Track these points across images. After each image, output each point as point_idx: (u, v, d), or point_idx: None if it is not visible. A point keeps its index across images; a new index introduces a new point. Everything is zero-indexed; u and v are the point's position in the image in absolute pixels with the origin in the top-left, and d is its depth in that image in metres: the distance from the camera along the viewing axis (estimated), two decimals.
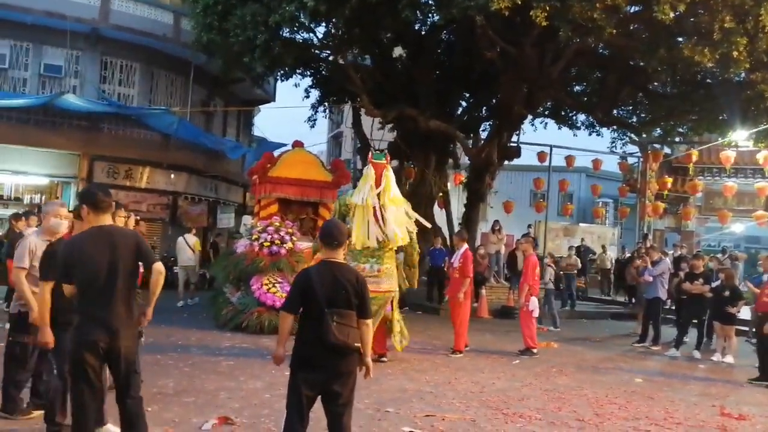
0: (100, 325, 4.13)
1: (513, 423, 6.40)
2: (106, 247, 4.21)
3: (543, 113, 20.87)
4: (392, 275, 9.12)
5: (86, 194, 4.44)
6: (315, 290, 4.12)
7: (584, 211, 29.95)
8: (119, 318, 4.17)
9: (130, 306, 4.27)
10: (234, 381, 7.40)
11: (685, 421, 6.94)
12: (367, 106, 16.57)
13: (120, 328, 4.16)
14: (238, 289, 11.83)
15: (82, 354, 4.12)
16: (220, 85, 21.00)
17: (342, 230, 4.41)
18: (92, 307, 4.17)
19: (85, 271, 4.19)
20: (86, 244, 4.25)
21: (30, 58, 17.58)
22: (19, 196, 18.10)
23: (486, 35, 14.06)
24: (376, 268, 8.94)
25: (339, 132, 38.20)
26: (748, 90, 13.70)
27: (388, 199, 8.97)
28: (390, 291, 9.06)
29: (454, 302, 10.44)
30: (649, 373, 9.76)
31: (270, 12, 13.22)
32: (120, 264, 4.21)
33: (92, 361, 4.12)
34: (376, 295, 8.60)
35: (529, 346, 10.49)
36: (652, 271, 12.44)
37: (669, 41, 12.99)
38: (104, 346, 4.12)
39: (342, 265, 4.33)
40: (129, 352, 4.22)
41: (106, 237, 4.26)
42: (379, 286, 8.81)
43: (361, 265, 8.83)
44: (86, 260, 4.18)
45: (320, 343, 4.06)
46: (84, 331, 4.16)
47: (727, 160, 18.82)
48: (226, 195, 23.29)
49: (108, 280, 4.18)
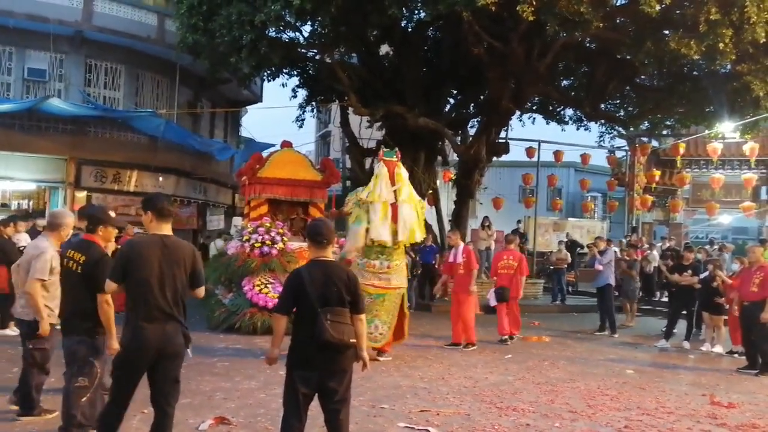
0: (144, 335, 4.18)
1: (507, 416, 6.43)
2: (161, 257, 4.26)
3: (531, 108, 20.91)
4: (402, 272, 9.31)
5: (151, 202, 4.47)
6: (306, 290, 4.14)
7: (573, 206, 30.06)
8: (161, 330, 4.21)
9: (178, 320, 4.29)
10: (229, 381, 7.40)
11: (676, 410, 7.01)
12: (354, 105, 16.54)
13: (162, 339, 4.21)
14: (230, 290, 11.81)
15: (127, 359, 4.23)
16: (207, 86, 20.90)
17: (330, 228, 4.43)
18: (138, 315, 4.21)
19: (136, 277, 4.23)
20: (144, 249, 4.30)
21: (13, 62, 17.41)
22: (6, 202, 17.98)
23: (473, 31, 14.07)
24: (386, 264, 9.09)
25: (327, 131, 38.12)
26: (734, 82, 13.80)
27: (402, 198, 9.09)
28: (400, 287, 9.24)
29: (463, 297, 10.67)
30: (640, 364, 9.84)
31: (255, 11, 13.17)
32: (169, 276, 4.25)
33: (136, 365, 4.24)
34: (387, 292, 9.04)
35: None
36: (600, 260, 12.67)
37: (655, 34, 13.08)
38: (150, 354, 4.21)
39: (332, 263, 4.35)
40: (167, 361, 4.27)
41: (164, 246, 4.30)
42: (389, 282, 9.08)
43: (372, 262, 9.05)
44: (141, 266, 4.22)
45: (315, 342, 4.07)
46: (127, 338, 4.23)
47: (714, 152, 18.96)
48: (215, 197, 23.22)
49: (157, 290, 4.21)
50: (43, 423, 5.53)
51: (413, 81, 17.42)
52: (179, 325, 4.29)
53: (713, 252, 16.85)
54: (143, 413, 5.26)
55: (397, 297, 9.17)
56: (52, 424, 5.33)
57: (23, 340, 5.72)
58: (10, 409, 5.76)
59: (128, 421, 4.80)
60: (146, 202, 4.47)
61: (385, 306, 9.09)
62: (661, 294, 16.84)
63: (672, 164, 22.80)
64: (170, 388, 4.35)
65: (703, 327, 12.08)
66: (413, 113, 16.54)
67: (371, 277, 9.03)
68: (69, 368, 4.95)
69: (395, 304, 9.16)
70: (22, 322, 5.68)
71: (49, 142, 17.27)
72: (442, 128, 17.06)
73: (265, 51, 14.04)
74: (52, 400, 5.74)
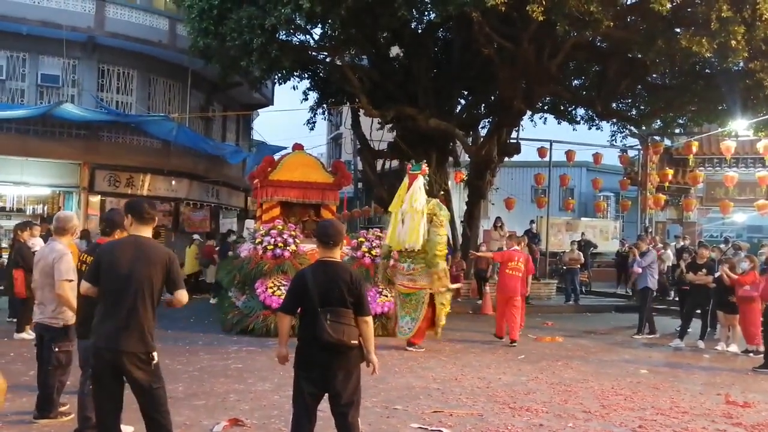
0: (107, 337, 4.11)
1: (520, 417, 6.42)
2: (133, 258, 4.20)
3: (542, 108, 20.84)
4: (427, 274, 10.24)
5: (133, 205, 4.48)
6: (309, 290, 4.15)
7: (586, 206, 29.91)
8: (125, 333, 4.08)
9: (141, 324, 4.12)
10: (243, 383, 7.44)
11: (691, 410, 6.97)
12: (365, 107, 16.56)
13: (124, 344, 4.07)
14: (243, 293, 11.86)
15: (96, 361, 4.17)
16: (218, 90, 21.01)
17: (338, 229, 4.41)
18: (105, 317, 4.16)
19: (108, 279, 4.20)
20: (116, 250, 4.28)
21: (27, 68, 17.59)
22: (21, 207, 18.13)
23: (483, 32, 14.05)
24: (411, 267, 10.29)
25: (338, 134, 38.21)
26: (747, 79, 13.68)
27: (409, 209, 10.07)
28: (425, 287, 10.22)
29: (520, 300, 11.38)
30: (654, 364, 9.79)
31: (266, 15, 13.20)
32: (142, 278, 4.15)
33: (102, 369, 4.14)
34: (412, 291, 10.26)
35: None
36: (640, 262, 12.53)
37: (666, 32, 12.99)
38: (109, 357, 4.09)
39: (337, 263, 4.33)
40: (134, 369, 4.08)
41: (136, 248, 4.24)
42: (415, 282, 10.26)
43: (401, 265, 10.40)
44: (112, 267, 4.19)
45: (316, 341, 4.09)
46: (96, 338, 4.18)
47: (727, 150, 18.81)
48: (227, 200, 23.33)
49: (125, 292, 4.13)
50: (59, 425, 5.59)
51: (424, 82, 17.42)
52: (143, 329, 4.12)
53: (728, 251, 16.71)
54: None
55: (423, 295, 10.18)
56: (67, 427, 5.39)
57: (45, 344, 5.71)
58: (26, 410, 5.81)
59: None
60: (127, 205, 4.50)
61: (412, 303, 10.24)
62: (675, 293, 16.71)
63: (685, 163, 22.66)
64: (147, 395, 4.14)
65: (718, 326, 12.00)
66: (424, 114, 16.54)
67: (402, 278, 10.42)
68: (84, 371, 5.00)
69: (422, 302, 10.17)
70: (48, 328, 5.64)
71: (63, 147, 17.46)
72: (453, 129, 17.03)
73: (276, 54, 14.07)
74: (69, 399, 5.82)
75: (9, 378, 7.07)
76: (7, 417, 5.72)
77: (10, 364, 7.97)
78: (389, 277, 11.18)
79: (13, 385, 6.79)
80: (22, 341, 9.42)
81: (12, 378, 7.15)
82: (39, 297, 5.78)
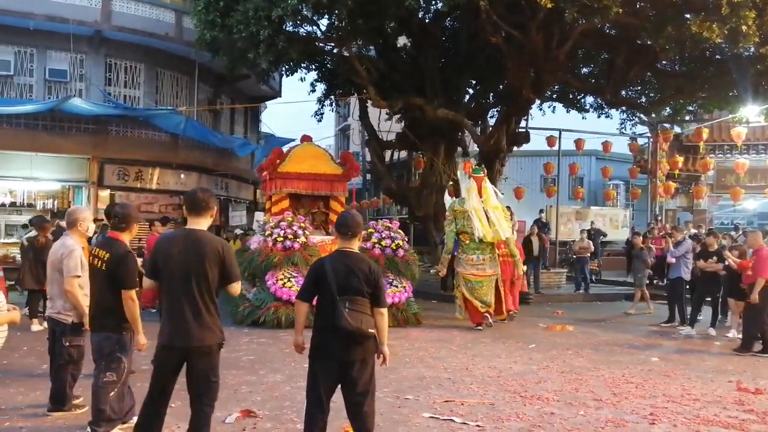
0: (175, 335, 4.19)
1: (531, 405, 6.42)
2: (187, 252, 4.22)
3: (551, 97, 20.76)
4: (494, 262, 11.54)
5: (186, 195, 4.52)
6: (327, 278, 4.16)
7: (595, 194, 29.80)
8: (192, 329, 4.17)
9: (204, 317, 4.20)
10: (255, 375, 7.47)
11: (702, 397, 6.95)
12: (373, 98, 16.53)
13: (193, 340, 4.17)
14: (253, 285, 11.90)
15: (164, 358, 4.25)
16: (226, 83, 21.05)
17: (357, 221, 4.42)
18: (170, 315, 4.24)
19: (166, 275, 4.25)
20: (171, 246, 4.30)
21: (35, 63, 17.64)
22: (31, 202, 18.23)
23: (490, 20, 13.97)
24: (480, 258, 11.44)
25: (346, 125, 38.19)
26: (758, 65, 13.56)
27: (489, 206, 11.54)
28: (494, 273, 11.52)
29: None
30: (665, 352, 9.76)
31: (272, 6, 13.19)
32: (198, 273, 4.20)
33: (166, 365, 4.25)
34: (483, 279, 11.41)
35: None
36: (674, 252, 12.37)
37: (676, 18, 12.85)
38: (179, 355, 4.22)
39: (356, 254, 4.35)
40: (202, 360, 4.22)
41: (192, 242, 4.26)
42: (485, 271, 11.44)
43: (470, 257, 11.44)
44: (168, 263, 4.23)
45: (334, 330, 4.09)
46: (162, 338, 4.25)
47: (738, 136, 18.65)
48: (237, 193, 23.40)
49: (183, 288, 4.19)
50: (73, 418, 5.63)
51: (431, 72, 17.37)
52: (208, 322, 4.22)
53: (738, 237, 16.62)
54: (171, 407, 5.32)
55: (492, 281, 11.46)
56: (81, 419, 5.42)
57: (56, 338, 5.77)
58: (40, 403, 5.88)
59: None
60: (183, 196, 4.52)
61: (484, 290, 11.37)
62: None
63: (695, 150, 22.53)
64: (203, 387, 4.27)
65: (729, 313, 11.94)
66: (432, 104, 16.50)
67: (471, 268, 11.44)
68: (97, 364, 5.03)
69: (491, 287, 11.44)
70: (59, 323, 5.69)
71: (71, 141, 17.52)
72: (462, 119, 16.98)
73: (283, 46, 14.06)
74: (82, 392, 5.87)
75: (23, 371, 7.19)
76: (21, 410, 5.79)
77: (23, 357, 8.04)
78: (455, 267, 11.88)
79: (27, 379, 6.92)
80: (36, 334, 9.48)
81: (26, 371, 7.27)
82: (50, 291, 5.83)
